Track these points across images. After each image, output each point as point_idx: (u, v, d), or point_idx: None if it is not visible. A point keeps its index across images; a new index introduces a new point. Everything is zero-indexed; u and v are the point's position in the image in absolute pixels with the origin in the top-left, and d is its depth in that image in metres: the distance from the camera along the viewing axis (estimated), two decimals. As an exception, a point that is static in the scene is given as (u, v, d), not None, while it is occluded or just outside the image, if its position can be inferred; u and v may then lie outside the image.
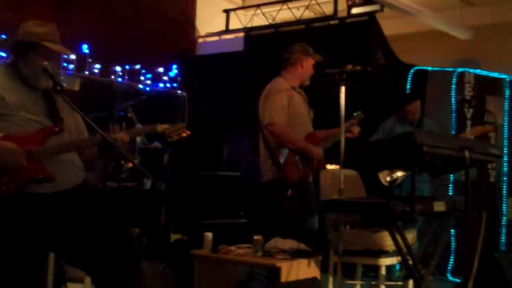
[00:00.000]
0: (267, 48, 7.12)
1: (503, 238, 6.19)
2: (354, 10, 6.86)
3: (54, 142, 2.87)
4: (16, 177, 2.71)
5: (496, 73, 6.34)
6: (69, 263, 3.38)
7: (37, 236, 2.81)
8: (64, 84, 6.74)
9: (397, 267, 5.20)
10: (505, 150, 6.23)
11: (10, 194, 2.70)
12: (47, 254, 3.66)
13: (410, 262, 3.38)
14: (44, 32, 2.92)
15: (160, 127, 3.09)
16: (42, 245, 2.92)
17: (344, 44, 6.44)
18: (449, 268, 5.97)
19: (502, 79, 6.31)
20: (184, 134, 3.12)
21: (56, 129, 2.90)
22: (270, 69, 4.88)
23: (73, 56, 6.53)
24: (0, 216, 2.70)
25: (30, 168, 2.75)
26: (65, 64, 6.53)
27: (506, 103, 6.29)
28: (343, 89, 4.10)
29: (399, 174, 5.50)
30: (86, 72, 6.81)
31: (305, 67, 4.66)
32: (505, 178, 6.25)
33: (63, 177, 2.83)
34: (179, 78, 7.76)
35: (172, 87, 7.72)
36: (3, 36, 5.68)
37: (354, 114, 4.77)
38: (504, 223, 6.19)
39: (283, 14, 7.88)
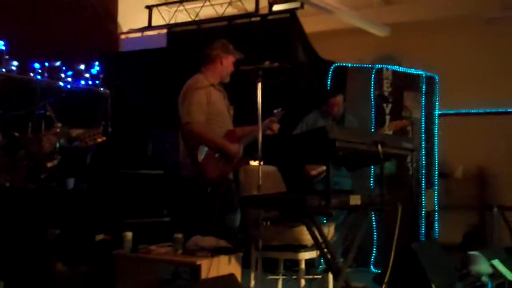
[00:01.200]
0: (190, 45, 7.05)
1: (423, 229, 6.40)
2: (276, 7, 6.94)
3: None
4: None
5: (413, 69, 6.54)
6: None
7: None
8: (-20, 82, 6.55)
9: (322, 260, 5.28)
10: (423, 144, 6.45)
11: None
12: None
13: (329, 256, 3.45)
14: None
15: (75, 132, 3.03)
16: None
17: (266, 41, 6.49)
18: (371, 260, 6.13)
19: (419, 75, 6.52)
20: (99, 140, 3.08)
21: None
22: (193, 66, 4.82)
23: (-12, 53, 6.32)
24: None
25: None
26: (-21, 61, 6.32)
27: (423, 98, 6.50)
28: (259, 85, 4.12)
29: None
30: (3, 70, 6.59)
31: (225, 64, 4.65)
32: (423, 171, 6.46)
33: None
34: (101, 75, 7.61)
35: (94, 84, 7.57)
36: None
37: (274, 111, 4.79)
38: (423, 214, 6.40)
39: (206, 10, 7.89)
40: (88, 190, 6.10)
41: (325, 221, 4.68)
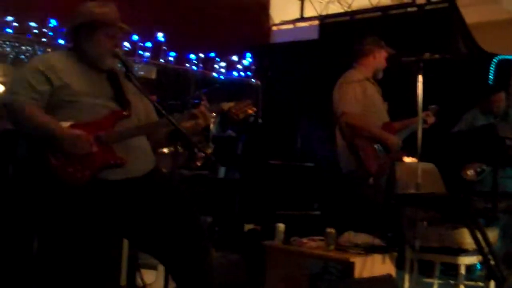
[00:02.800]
0: (342, 36, 6.97)
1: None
2: (434, -4, 6.63)
3: (122, 126, 2.86)
4: (88, 164, 2.72)
5: None
6: (142, 249, 3.41)
7: (111, 223, 2.82)
8: (142, 72, 6.90)
9: (478, 266, 4.98)
10: None
11: (85, 182, 2.72)
12: (121, 241, 3.73)
13: (492, 262, 3.23)
14: (104, 12, 2.91)
15: (226, 106, 3.04)
16: (116, 232, 2.95)
17: (423, 32, 6.21)
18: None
19: None
20: (250, 111, 3.06)
21: (125, 113, 2.89)
22: (346, 58, 4.79)
23: (148, 44, 6.61)
24: (75, 202, 2.72)
25: (101, 154, 2.75)
26: (140, 52, 6.62)
27: None
28: (420, 78, 3.96)
29: (485, 167, 5.26)
30: (161, 60, 6.88)
31: (377, 58, 4.62)
32: None
33: (134, 163, 2.83)
34: (253, 67, 7.74)
35: (246, 75, 7.71)
36: (54, 22, 5.81)
37: (429, 107, 4.65)
38: None
39: (359, 1, 7.69)
40: (239, 180, 6.22)
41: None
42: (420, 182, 3.78)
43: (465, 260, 3.76)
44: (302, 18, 8.08)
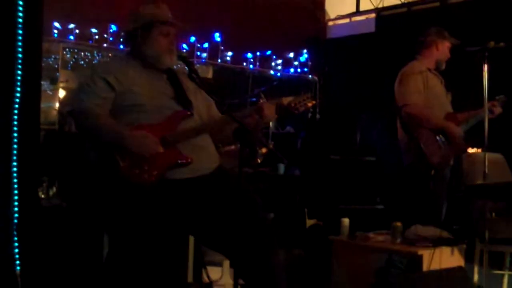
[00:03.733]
0: (400, 29, 6.88)
1: None
2: (494, -17, 6.45)
3: (186, 126, 2.91)
4: (156, 165, 2.78)
5: None
6: (208, 246, 3.45)
7: (178, 221, 2.87)
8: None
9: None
10: None
11: (153, 182, 2.77)
12: (187, 238, 3.78)
13: None
14: (156, 11, 3.00)
15: (285, 100, 3.06)
16: (182, 229, 3.00)
17: (485, 20, 6.05)
18: None
19: None
20: (310, 104, 3.07)
21: (188, 113, 2.94)
22: (404, 50, 4.75)
23: (206, 45, 6.68)
24: (143, 202, 2.78)
25: (167, 154, 2.81)
26: (198, 53, 6.70)
27: None
28: (485, 68, 3.87)
29: None
30: (219, 60, 6.94)
31: (440, 49, 4.54)
32: None
33: (199, 162, 2.88)
34: (309, 63, 7.71)
35: (302, 71, 7.69)
36: (114, 27, 5.94)
37: (496, 97, 4.54)
38: None
39: (417, -8, 7.57)
40: (300, 176, 6.22)
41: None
42: (487, 173, 3.69)
43: (538, 251, 3.66)
44: (358, 12, 7.99)
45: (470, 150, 4.81)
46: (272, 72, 7.42)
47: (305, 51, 7.73)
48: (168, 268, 2.89)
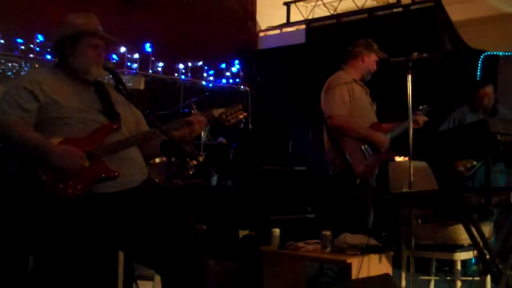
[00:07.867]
0: (329, 40, 7.01)
1: None
2: (419, -4, 6.65)
3: (113, 139, 2.86)
4: (81, 179, 2.72)
5: None
6: (137, 261, 3.39)
7: (106, 235, 2.80)
8: (130, 84, 6.88)
9: (473, 261, 5.00)
10: None
11: (77, 196, 2.71)
12: (117, 253, 3.70)
13: (487, 257, 3.24)
14: (86, 22, 2.93)
15: (217, 112, 3.06)
16: (111, 244, 2.93)
17: (409, 32, 6.24)
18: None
19: None
20: (241, 116, 3.09)
21: (114, 126, 2.89)
22: (333, 61, 4.82)
23: (136, 55, 6.61)
24: (69, 217, 2.71)
25: (93, 168, 2.76)
26: (129, 64, 6.62)
27: None
28: (409, 78, 3.97)
29: (476, 162, 5.27)
30: (150, 71, 6.87)
31: (366, 62, 4.64)
32: None
33: (127, 175, 2.83)
34: (241, 73, 7.74)
35: (234, 82, 7.72)
36: (41, 37, 5.81)
37: (420, 107, 4.68)
38: None
39: (345, 4, 7.71)
40: (232, 187, 6.21)
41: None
42: (413, 181, 3.78)
43: (461, 256, 3.76)
44: (288, 23, 8.10)
45: (398, 159, 4.93)
46: (204, 82, 7.41)
47: (237, 61, 7.76)
48: (96, 285, 2.82)
